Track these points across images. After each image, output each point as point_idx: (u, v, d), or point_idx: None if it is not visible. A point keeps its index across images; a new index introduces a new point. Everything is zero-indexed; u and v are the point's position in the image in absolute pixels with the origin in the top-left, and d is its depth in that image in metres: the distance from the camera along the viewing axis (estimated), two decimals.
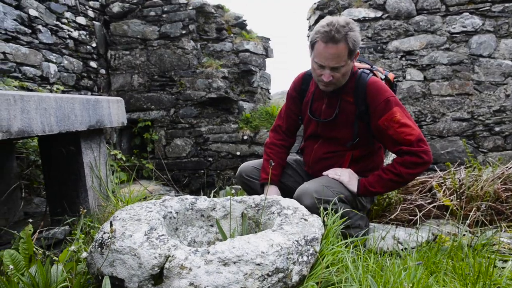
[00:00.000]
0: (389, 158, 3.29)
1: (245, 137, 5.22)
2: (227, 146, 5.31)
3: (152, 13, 5.36)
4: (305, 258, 1.50)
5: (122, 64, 5.48)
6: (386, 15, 4.64)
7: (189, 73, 5.34)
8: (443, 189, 3.09)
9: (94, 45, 5.22)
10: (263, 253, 1.41)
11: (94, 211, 2.78)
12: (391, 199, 3.06)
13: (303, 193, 2.11)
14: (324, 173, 2.32)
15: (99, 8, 5.39)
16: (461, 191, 2.93)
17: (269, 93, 5.85)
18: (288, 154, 2.76)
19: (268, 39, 5.78)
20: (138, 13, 5.42)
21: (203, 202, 2.19)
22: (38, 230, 2.57)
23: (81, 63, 4.94)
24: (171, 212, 2.03)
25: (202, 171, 5.40)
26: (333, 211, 1.96)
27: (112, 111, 2.96)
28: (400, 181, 2.16)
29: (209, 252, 1.45)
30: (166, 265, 1.46)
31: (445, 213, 2.89)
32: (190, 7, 5.32)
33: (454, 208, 2.84)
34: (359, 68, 2.32)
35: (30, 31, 4.07)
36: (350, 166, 2.34)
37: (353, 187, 2.24)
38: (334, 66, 2.05)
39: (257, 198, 2.15)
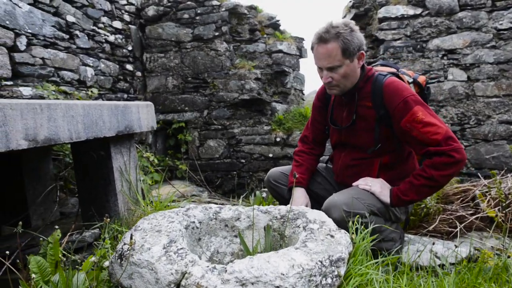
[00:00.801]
0: None
1: (278, 139, 5.13)
2: (260, 148, 5.25)
3: (186, 16, 5.38)
4: (329, 281, 1.40)
5: (157, 67, 5.55)
6: (426, 12, 4.40)
7: (222, 74, 5.32)
8: (487, 199, 2.87)
9: (130, 48, 5.31)
10: (283, 274, 1.33)
11: (123, 215, 2.80)
12: (429, 209, 2.88)
13: (332, 205, 2.00)
14: (354, 183, 2.20)
15: (134, 12, 5.48)
16: (507, 202, 2.72)
17: (303, 94, 5.74)
18: (318, 161, 2.66)
19: (302, 39, 5.66)
20: (172, 16, 5.46)
21: (227, 211, 2.14)
22: (68, 234, 2.62)
23: (118, 66, 5.04)
24: (194, 222, 1.99)
25: (235, 172, 5.37)
26: (363, 226, 1.85)
27: (142, 116, 2.97)
28: (433, 185, 2.00)
29: (226, 271, 1.38)
30: (183, 282, 1.42)
31: (489, 225, 2.68)
32: (223, 9, 5.29)
33: (500, 220, 2.63)
34: (379, 72, 2.19)
35: (67, 36, 4.18)
36: (379, 175, 2.21)
37: (386, 197, 2.11)
38: (329, 66, 2.03)
39: (282, 209, 2.06)
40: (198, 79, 5.42)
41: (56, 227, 2.08)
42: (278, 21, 5.57)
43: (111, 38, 4.92)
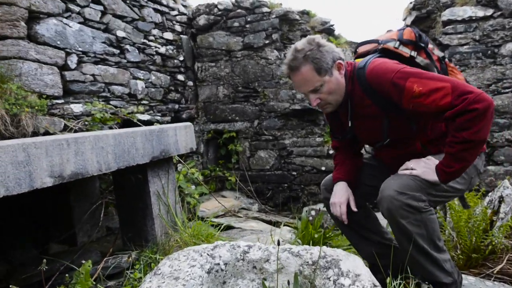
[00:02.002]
0: None
1: (331, 152, 4.87)
2: (312, 160, 5.02)
3: (236, 24, 5.28)
4: None
5: (208, 76, 5.52)
6: (499, 13, 3.88)
7: (272, 84, 5.16)
8: None
9: (181, 58, 5.33)
10: None
11: (159, 240, 2.76)
12: (495, 246, 2.51)
13: (384, 194, 1.83)
14: (400, 172, 1.94)
15: (186, 21, 5.49)
16: None
17: None
18: (361, 157, 2.41)
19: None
20: (223, 24, 5.39)
21: (256, 251, 1.97)
22: (104, 260, 2.62)
23: (169, 77, 5.07)
24: (218, 264, 1.86)
25: (286, 185, 5.19)
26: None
27: (179, 138, 2.90)
28: (470, 146, 1.72)
29: None
30: None
31: None
32: (273, 16, 5.12)
33: None
34: (358, 64, 1.98)
35: (118, 51, 4.26)
36: (427, 154, 1.96)
37: (432, 176, 1.84)
38: (311, 89, 1.93)
39: (315, 253, 1.86)
40: (248, 88, 5.31)
41: (83, 262, 2.06)
42: (332, 25, 5.29)
43: (162, 49, 4.96)
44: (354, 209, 2.13)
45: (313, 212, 4.17)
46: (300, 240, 3.05)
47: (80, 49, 3.76)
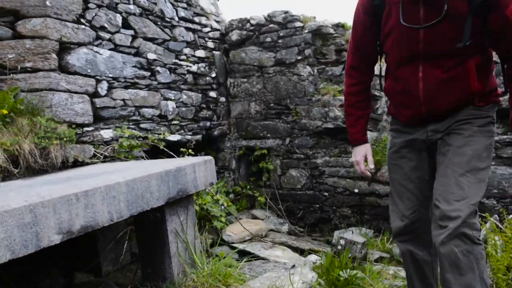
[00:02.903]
0: None
1: None
2: (344, 181, 4.84)
3: (268, 39, 5.19)
4: None
5: (240, 92, 5.47)
6: None
7: (304, 101, 5.03)
8: None
9: (213, 75, 5.31)
10: None
11: (177, 279, 2.74)
12: None
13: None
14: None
15: (219, 37, 5.46)
16: None
17: None
18: (369, 94, 2.33)
19: None
20: (255, 40, 5.32)
21: None
22: None
23: (200, 95, 5.08)
24: None
25: (317, 205, 5.06)
26: None
27: (199, 174, 2.87)
28: None
29: None
30: None
31: None
32: (306, 31, 4.97)
33: None
34: None
35: (148, 73, 4.30)
36: (477, 84, 1.83)
37: None
38: None
39: None
40: (280, 105, 5.20)
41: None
42: None
43: (194, 68, 4.97)
44: (372, 165, 2.32)
45: (342, 242, 4.02)
46: (323, 281, 2.93)
47: (110, 75, 3.83)
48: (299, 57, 5.01)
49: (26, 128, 3.08)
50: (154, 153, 4.11)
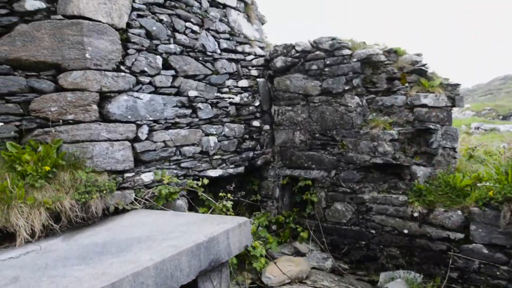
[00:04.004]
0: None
1: (415, 214, 4.35)
2: (393, 220, 4.54)
3: (314, 67, 4.96)
4: None
5: (285, 120, 5.31)
6: None
7: (351, 133, 4.76)
8: None
9: (257, 103, 5.19)
10: None
11: None
12: None
13: None
14: None
15: (263, 63, 5.32)
16: None
17: (455, 152, 4.71)
18: None
19: (456, 86, 4.61)
20: (300, 67, 5.11)
21: None
22: None
23: (243, 125, 4.98)
24: None
25: (363, 242, 4.80)
26: None
27: (232, 239, 2.77)
28: None
29: None
30: None
31: None
32: (354, 59, 4.69)
33: None
34: None
35: (189, 111, 4.26)
36: None
37: None
38: None
39: None
40: (326, 136, 4.98)
41: None
42: (424, 65, 4.67)
43: (237, 99, 4.87)
44: None
45: (388, 286, 3.76)
46: None
47: (151, 118, 3.83)
48: (347, 87, 4.75)
49: (67, 183, 3.14)
50: (194, 194, 4.08)
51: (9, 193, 2.87)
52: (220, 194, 4.01)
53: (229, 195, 3.95)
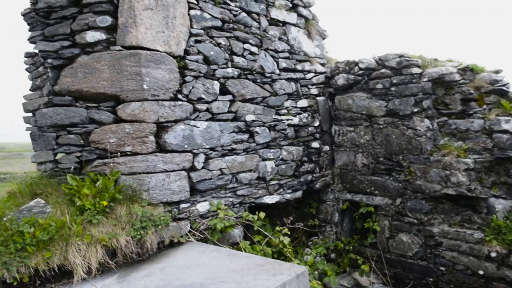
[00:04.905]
0: None
1: (493, 254, 3.89)
2: (466, 258, 4.11)
3: (379, 86, 4.61)
4: None
5: (346, 141, 5.01)
6: None
7: (420, 159, 4.37)
8: None
9: (316, 124, 4.94)
10: None
11: None
12: None
13: None
14: None
15: (323, 81, 5.06)
16: None
17: None
18: None
19: None
20: (364, 85, 4.78)
21: None
22: None
23: (301, 147, 4.76)
24: None
25: (431, 279, 4.40)
26: None
27: None
28: None
29: None
30: None
31: None
32: (425, 79, 4.29)
33: None
34: None
35: (246, 136, 4.12)
36: None
37: None
38: None
39: None
40: (391, 160, 4.62)
41: None
42: (505, 85, 4.17)
43: (295, 120, 4.66)
44: None
45: None
46: None
47: (207, 146, 3.73)
48: (416, 109, 4.36)
49: (123, 218, 3.11)
50: (248, 227, 3.94)
51: (67, 230, 2.89)
52: (278, 228, 3.82)
53: (285, 230, 3.75)
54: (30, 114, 3.58)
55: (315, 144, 4.95)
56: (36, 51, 3.43)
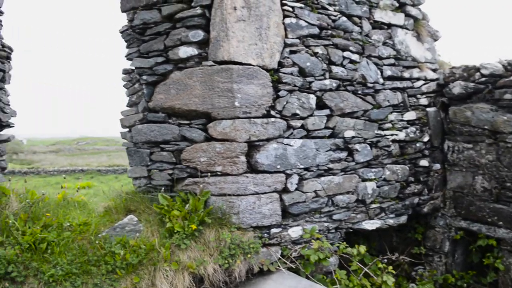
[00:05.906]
0: None
1: None
2: None
3: (508, 97, 3.86)
4: None
5: (462, 160, 4.31)
6: None
7: None
8: None
9: (425, 139, 4.33)
10: None
11: None
12: None
13: None
14: None
15: (435, 89, 4.42)
16: None
17: None
18: None
19: None
20: (487, 95, 4.05)
21: None
22: None
23: (408, 166, 4.20)
24: None
25: None
26: None
27: None
28: None
29: None
30: None
31: None
32: None
33: None
34: None
35: (345, 154, 3.72)
36: None
37: None
38: None
39: None
40: None
41: None
42: None
43: (401, 135, 4.12)
44: None
45: None
46: None
47: (301, 166, 3.42)
48: None
49: (212, 243, 2.95)
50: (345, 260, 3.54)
51: (156, 254, 2.80)
52: (380, 265, 3.36)
53: (390, 268, 3.27)
54: (126, 130, 3.62)
55: (424, 162, 4.33)
56: (133, 67, 3.45)
